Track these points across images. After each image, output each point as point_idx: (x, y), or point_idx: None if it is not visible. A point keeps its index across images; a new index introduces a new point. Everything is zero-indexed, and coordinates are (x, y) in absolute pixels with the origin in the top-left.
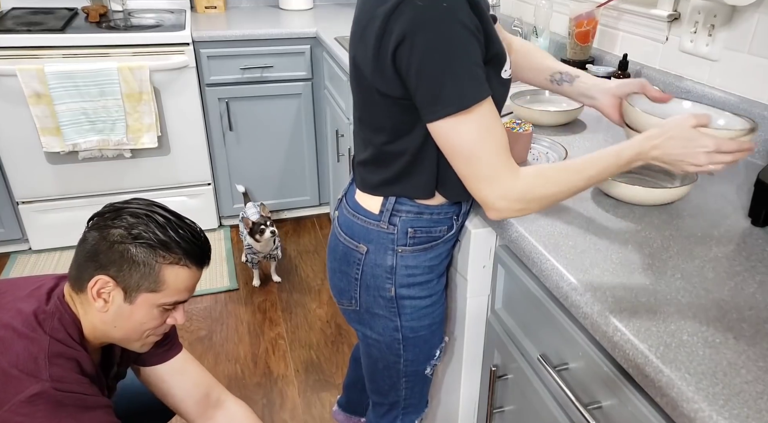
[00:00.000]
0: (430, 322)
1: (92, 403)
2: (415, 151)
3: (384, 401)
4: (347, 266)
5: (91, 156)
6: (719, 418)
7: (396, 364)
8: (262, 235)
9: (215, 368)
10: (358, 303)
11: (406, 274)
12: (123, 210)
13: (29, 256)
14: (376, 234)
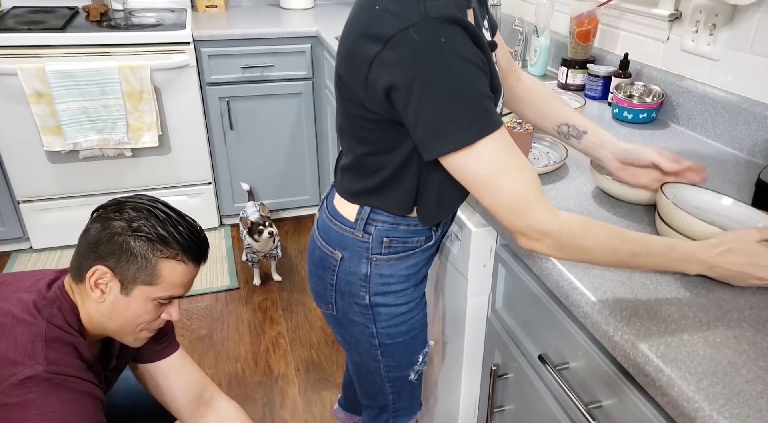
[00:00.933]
0: (408, 328)
1: (87, 389)
2: (396, 168)
3: (374, 404)
4: (323, 271)
5: (92, 155)
6: (719, 418)
7: (377, 369)
8: (261, 236)
9: (216, 367)
10: (334, 308)
11: (381, 282)
12: (126, 203)
13: (30, 255)
14: (351, 241)
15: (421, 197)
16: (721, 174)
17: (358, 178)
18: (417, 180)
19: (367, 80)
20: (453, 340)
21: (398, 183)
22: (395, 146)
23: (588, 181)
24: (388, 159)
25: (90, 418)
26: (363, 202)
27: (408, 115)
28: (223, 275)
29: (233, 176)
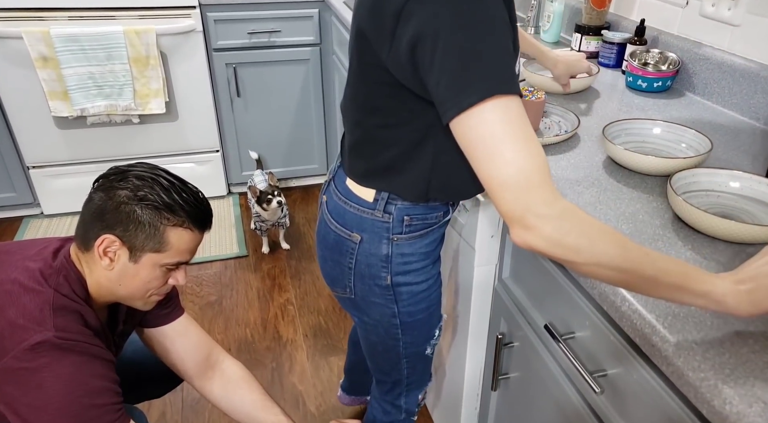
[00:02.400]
0: (428, 305)
1: (95, 353)
2: (409, 146)
3: (387, 379)
4: (340, 255)
5: (100, 121)
6: (724, 387)
7: (395, 347)
8: (269, 205)
9: (226, 332)
10: (353, 291)
11: (402, 261)
12: (128, 172)
13: (41, 220)
14: (371, 223)
15: (435, 182)
16: (736, 144)
17: (365, 156)
18: (432, 160)
19: (394, 36)
20: (460, 309)
21: (410, 163)
22: (410, 120)
23: (599, 150)
24: (401, 134)
25: (103, 376)
26: (372, 185)
27: (433, 67)
28: (232, 243)
29: (241, 144)
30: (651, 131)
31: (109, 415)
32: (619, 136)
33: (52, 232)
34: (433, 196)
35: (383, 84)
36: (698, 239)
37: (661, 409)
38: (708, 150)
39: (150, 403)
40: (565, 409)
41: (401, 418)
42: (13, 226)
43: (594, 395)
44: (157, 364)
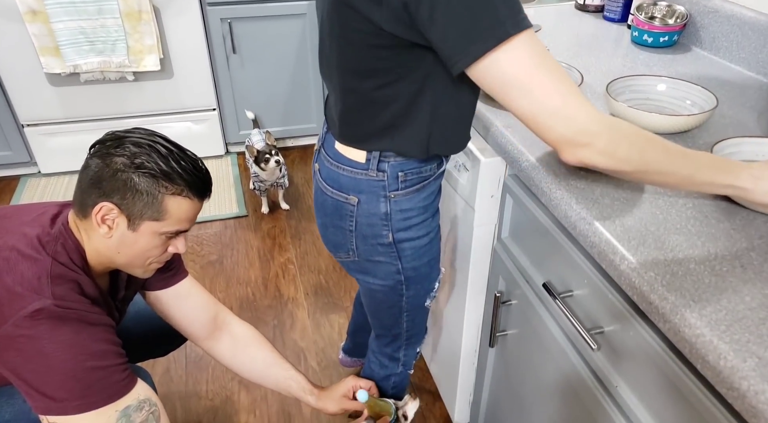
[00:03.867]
0: (429, 258)
1: (94, 320)
2: (409, 99)
3: (387, 334)
4: (340, 220)
5: (93, 78)
6: (720, 343)
7: (399, 302)
8: (267, 164)
9: (227, 291)
10: (356, 254)
11: (402, 218)
12: (125, 138)
13: (39, 179)
14: (366, 183)
15: (436, 131)
16: (742, 101)
17: (365, 120)
18: (430, 114)
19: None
20: (458, 268)
21: (411, 117)
22: (406, 73)
23: (603, 108)
24: (400, 89)
25: (104, 340)
26: (372, 147)
27: (436, 22)
28: (231, 202)
29: (237, 102)
30: (655, 88)
31: (115, 375)
32: (623, 93)
33: (51, 191)
34: (434, 149)
35: (376, 47)
36: None
37: (657, 365)
38: (713, 107)
39: (154, 360)
40: (561, 365)
41: (398, 371)
42: (11, 185)
43: (591, 352)
44: (161, 325)
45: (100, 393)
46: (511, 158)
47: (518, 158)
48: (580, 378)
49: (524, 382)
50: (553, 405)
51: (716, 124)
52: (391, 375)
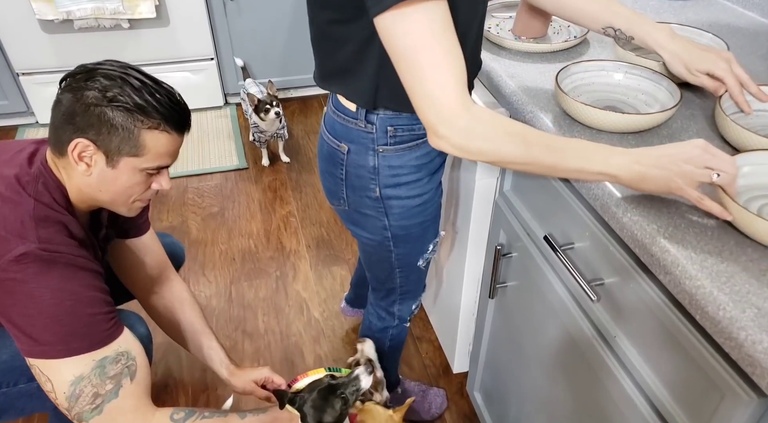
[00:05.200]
0: (422, 220)
1: (82, 264)
2: (360, 44)
3: (382, 287)
4: (332, 167)
5: (88, 26)
6: (719, 294)
7: (388, 258)
8: (267, 115)
9: (229, 243)
10: (346, 203)
11: (391, 174)
12: (96, 71)
13: (37, 129)
14: (356, 133)
15: (381, 89)
16: (754, 48)
17: (323, 55)
18: (378, 65)
19: None
20: (459, 220)
21: (360, 66)
22: (358, 15)
23: (609, 56)
24: (352, 30)
25: (92, 286)
26: (331, 89)
27: None
28: (231, 154)
29: (236, 52)
30: None
31: (102, 324)
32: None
33: None
34: (382, 103)
35: None
36: None
37: (655, 316)
38: None
39: None
40: (561, 316)
41: (394, 324)
42: (9, 135)
43: (590, 303)
44: None
45: (83, 340)
46: (515, 109)
47: (522, 109)
48: (579, 329)
49: (523, 332)
50: (551, 355)
51: None
52: (388, 327)
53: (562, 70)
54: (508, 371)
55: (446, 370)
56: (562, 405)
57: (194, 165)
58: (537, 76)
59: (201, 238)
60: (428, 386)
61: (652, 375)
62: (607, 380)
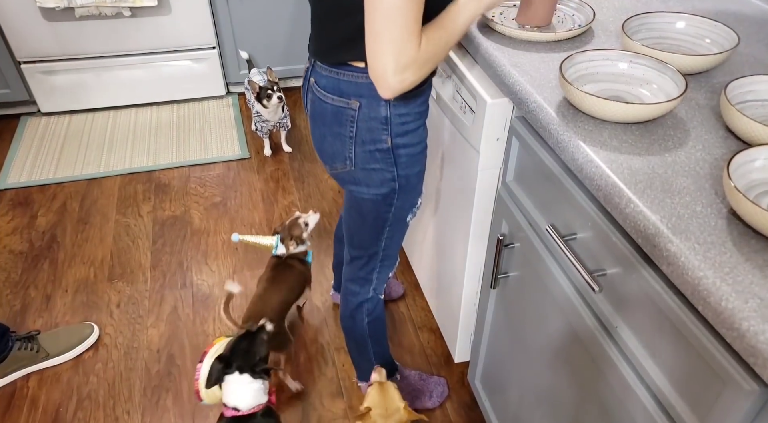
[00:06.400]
0: (420, 168)
1: None
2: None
3: (364, 254)
4: (340, 126)
5: (89, 14)
6: (722, 284)
7: (387, 213)
8: (270, 101)
9: (231, 232)
10: (353, 162)
11: (400, 122)
12: None
13: (39, 118)
14: (367, 87)
15: None
16: (761, 37)
17: (331, 28)
18: None
19: None
20: (461, 211)
21: None
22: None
23: (614, 45)
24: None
25: None
26: (337, 58)
27: None
28: (233, 144)
29: (238, 41)
30: (674, 26)
31: None
32: (639, 31)
33: (51, 131)
34: None
35: None
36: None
37: (657, 307)
38: (734, 46)
39: (161, 297)
40: (562, 306)
41: (369, 296)
42: (11, 125)
43: (592, 294)
44: None
45: None
46: (519, 99)
47: (525, 99)
48: (581, 319)
49: (524, 322)
50: (552, 345)
51: (733, 62)
52: (363, 302)
53: (566, 59)
54: (510, 361)
55: (447, 360)
56: (563, 395)
57: (196, 155)
58: (541, 66)
59: (203, 228)
60: (429, 375)
61: (653, 365)
62: (609, 371)
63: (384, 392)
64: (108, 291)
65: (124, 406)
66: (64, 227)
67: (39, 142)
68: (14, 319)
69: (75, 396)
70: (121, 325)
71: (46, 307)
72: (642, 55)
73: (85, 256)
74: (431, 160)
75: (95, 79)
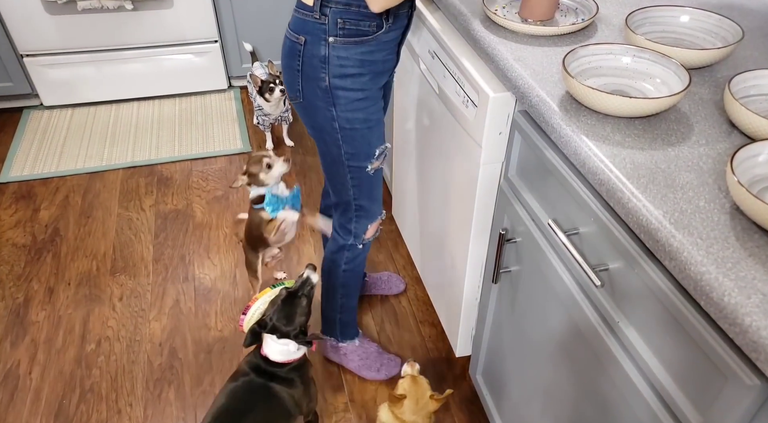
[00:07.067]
0: (365, 116)
1: None
2: None
3: (340, 201)
4: (291, 59)
5: (91, 7)
6: (725, 280)
7: (339, 156)
8: (272, 94)
9: (234, 226)
10: (302, 94)
11: (338, 64)
12: None
13: (42, 112)
14: (311, 25)
15: None
16: (765, 31)
17: None
18: None
19: None
20: (463, 205)
21: None
22: None
23: (617, 39)
24: None
25: None
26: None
27: None
28: (235, 138)
29: (240, 35)
30: (678, 19)
31: None
32: (642, 25)
33: (54, 124)
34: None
35: None
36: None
37: (659, 302)
38: (738, 40)
39: (164, 290)
40: (564, 301)
41: (349, 242)
42: (14, 118)
43: (594, 289)
44: None
45: None
46: (521, 93)
47: (528, 93)
48: (583, 314)
49: (526, 317)
50: (554, 340)
51: (737, 57)
52: (343, 247)
53: (569, 53)
54: (511, 356)
55: (449, 354)
56: (564, 390)
57: (198, 148)
58: (544, 60)
59: (206, 222)
60: (387, 352)
61: (655, 360)
62: (610, 365)
63: (417, 386)
64: (110, 284)
65: (127, 399)
66: (67, 220)
67: (41, 135)
68: (17, 312)
69: (78, 389)
70: (124, 319)
71: (49, 300)
72: (645, 49)
73: (88, 249)
74: (432, 152)
75: (97, 72)
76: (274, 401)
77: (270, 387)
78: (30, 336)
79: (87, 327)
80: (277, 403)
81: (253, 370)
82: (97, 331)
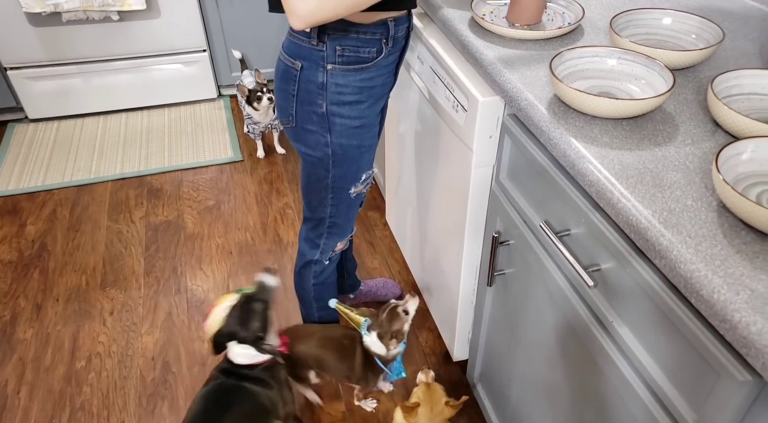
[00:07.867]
0: (359, 143)
1: None
2: None
3: (313, 216)
4: (286, 83)
5: (76, 18)
6: (714, 277)
7: (325, 178)
8: (260, 103)
9: (226, 236)
10: (294, 119)
11: (336, 91)
12: None
13: (27, 125)
14: (308, 51)
15: None
16: (746, 32)
17: None
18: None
19: None
20: (456, 209)
21: None
22: None
23: (602, 42)
24: None
25: None
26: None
27: None
28: (226, 147)
29: (228, 43)
30: (660, 21)
31: None
32: (627, 27)
33: (39, 137)
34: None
35: None
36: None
37: (652, 300)
38: (719, 41)
39: (156, 303)
40: (558, 302)
41: (316, 258)
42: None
43: (587, 289)
44: None
45: None
46: (510, 97)
47: (517, 97)
48: (577, 315)
49: (522, 319)
50: (550, 341)
51: (718, 57)
52: (311, 262)
53: (556, 56)
54: (508, 358)
55: (446, 358)
56: (561, 390)
57: (189, 158)
58: (531, 63)
59: (197, 232)
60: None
61: (649, 359)
62: (605, 365)
63: (431, 393)
64: (101, 299)
65: (119, 416)
66: (55, 235)
67: (27, 149)
68: (4, 330)
69: (68, 407)
70: (115, 333)
71: (37, 317)
72: (630, 51)
73: (77, 263)
74: (424, 157)
75: (84, 84)
76: (250, 399)
77: (243, 386)
78: (17, 354)
79: (77, 343)
80: (253, 401)
81: (223, 374)
82: (87, 347)
